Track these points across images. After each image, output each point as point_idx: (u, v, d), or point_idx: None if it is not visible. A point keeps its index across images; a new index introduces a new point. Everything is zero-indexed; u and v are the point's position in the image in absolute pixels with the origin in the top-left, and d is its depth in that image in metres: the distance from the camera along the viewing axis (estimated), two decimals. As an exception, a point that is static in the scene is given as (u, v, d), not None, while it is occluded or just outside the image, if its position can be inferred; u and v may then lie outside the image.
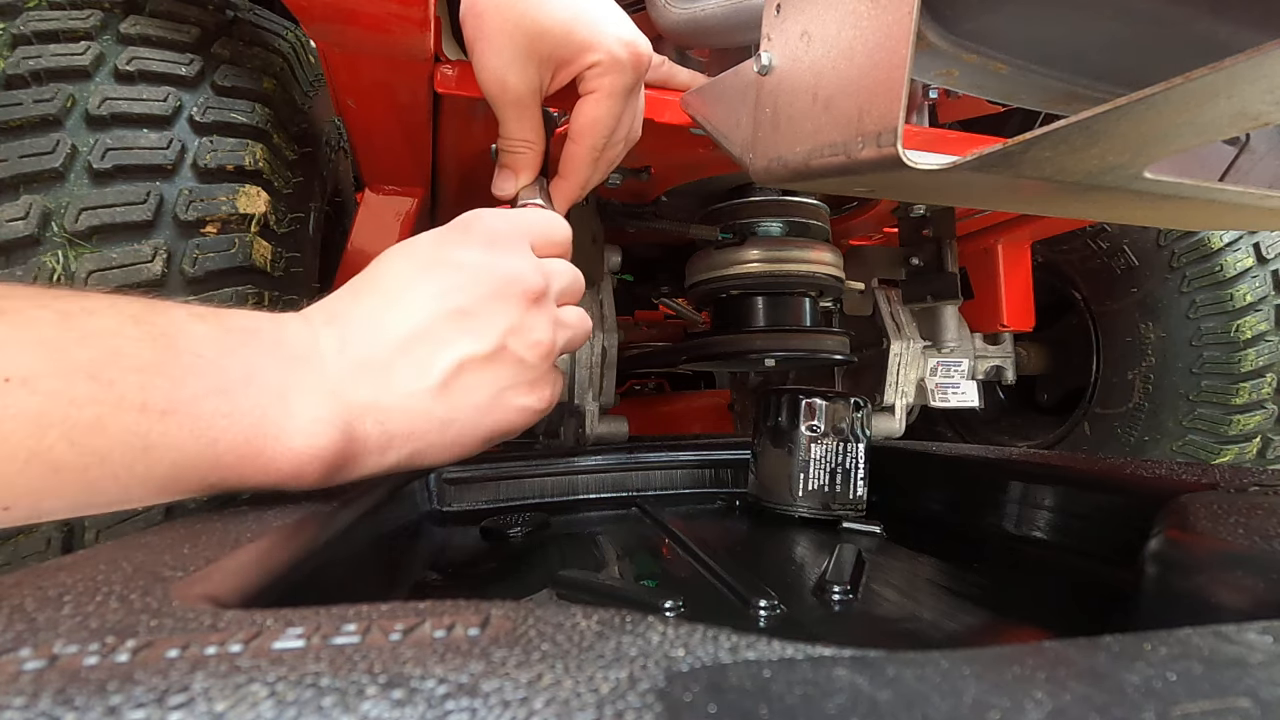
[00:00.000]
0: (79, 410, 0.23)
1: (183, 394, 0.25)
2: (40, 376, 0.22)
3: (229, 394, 0.27)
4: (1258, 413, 0.81)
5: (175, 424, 0.25)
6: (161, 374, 0.25)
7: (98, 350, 0.24)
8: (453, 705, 0.12)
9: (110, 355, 0.24)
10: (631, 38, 0.42)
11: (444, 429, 0.33)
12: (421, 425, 0.32)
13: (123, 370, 0.24)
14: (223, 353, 0.27)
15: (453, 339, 0.33)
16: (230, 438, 0.27)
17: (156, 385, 0.25)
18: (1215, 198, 0.33)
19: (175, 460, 0.25)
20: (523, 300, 0.35)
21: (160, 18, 0.50)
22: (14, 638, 0.15)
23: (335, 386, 0.30)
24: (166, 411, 0.25)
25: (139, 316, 0.26)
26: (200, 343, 0.27)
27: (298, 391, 0.29)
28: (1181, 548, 0.27)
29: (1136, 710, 0.12)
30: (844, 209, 0.83)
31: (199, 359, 0.26)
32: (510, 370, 0.34)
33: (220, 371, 0.27)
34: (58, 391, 0.23)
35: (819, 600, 0.37)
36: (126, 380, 0.24)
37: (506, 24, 0.40)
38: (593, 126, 0.43)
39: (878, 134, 0.30)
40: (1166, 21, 0.34)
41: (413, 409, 0.32)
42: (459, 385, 0.33)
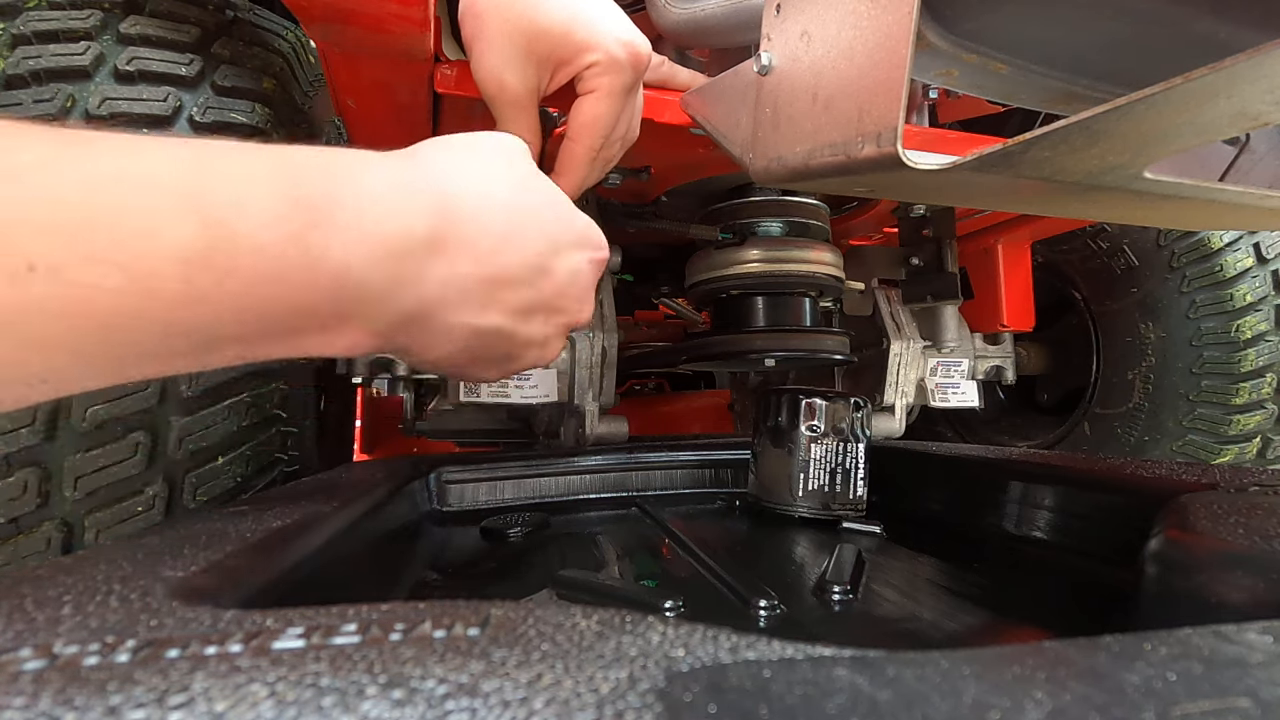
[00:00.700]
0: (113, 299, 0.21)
1: (232, 285, 0.23)
2: (67, 265, 0.20)
3: (286, 282, 0.24)
4: (1258, 413, 0.81)
5: (220, 313, 0.23)
6: (206, 267, 0.22)
7: (136, 240, 0.21)
8: (453, 705, 0.12)
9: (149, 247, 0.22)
10: (630, 37, 0.42)
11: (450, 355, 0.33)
12: (440, 344, 0.31)
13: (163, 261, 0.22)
14: (286, 236, 0.24)
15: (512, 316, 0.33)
16: (280, 323, 0.25)
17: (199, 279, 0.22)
18: (1215, 198, 0.33)
19: (217, 338, 0.24)
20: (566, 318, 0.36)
21: (160, 18, 0.50)
22: (14, 638, 0.15)
23: (405, 291, 0.28)
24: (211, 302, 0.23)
25: (187, 189, 0.23)
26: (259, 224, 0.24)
27: (363, 284, 0.26)
28: (1181, 548, 0.27)
29: (1136, 710, 0.12)
30: (844, 209, 0.82)
31: (253, 244, 0.23)
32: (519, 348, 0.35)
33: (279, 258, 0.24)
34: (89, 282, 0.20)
35: (819, 600, 0.37)
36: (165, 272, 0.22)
37: (505, 24, 0.40)
38: (591, 126, 0.43)
39: (878, 134, 0.30)
40: (1166, 21, 0.34)
41: (451, 333, 0.31)
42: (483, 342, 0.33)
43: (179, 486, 0.46)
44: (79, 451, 0.43)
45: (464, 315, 0.31)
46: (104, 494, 0.44)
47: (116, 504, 0.44)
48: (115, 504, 0.44)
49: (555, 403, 0.67)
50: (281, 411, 0.54)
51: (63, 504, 0.43)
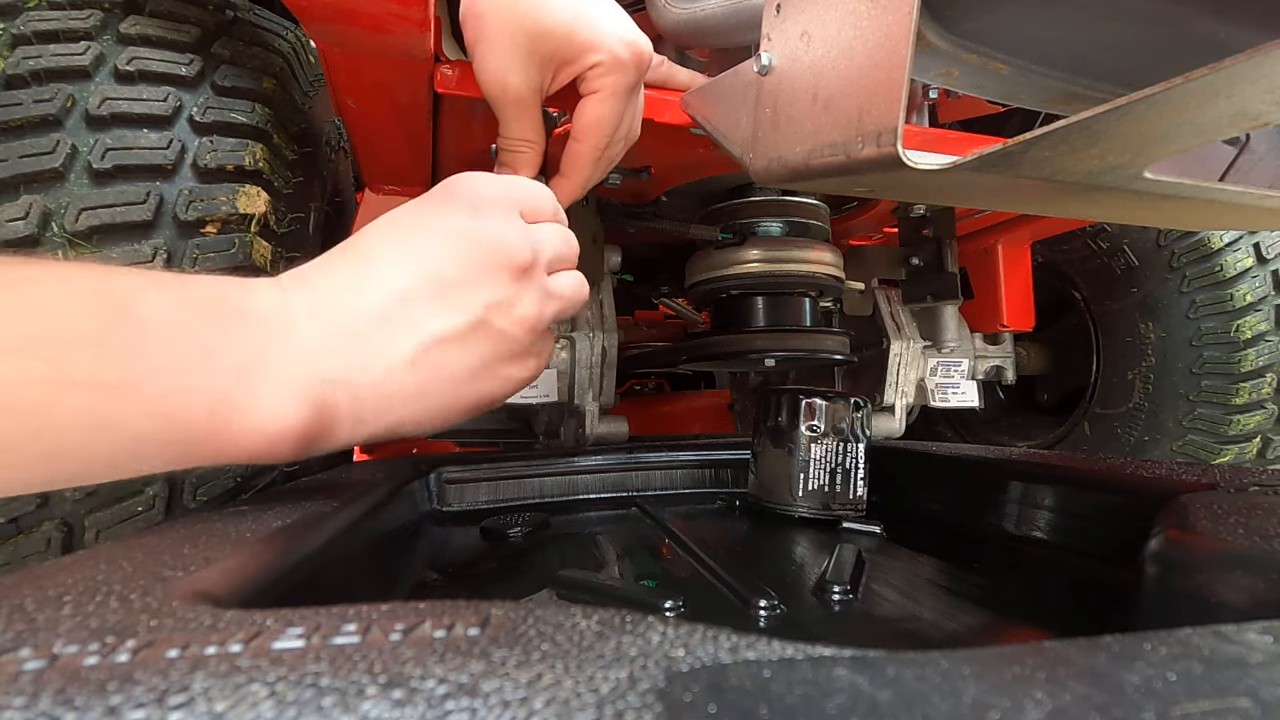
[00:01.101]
0: (26, 388, 0.22)
1: (135, 371, 0.24)
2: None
3: (187, 370, 0.25)
4: (1258, 413, 0.81)
5: (129, 402, 0.24)
6: (112, 349, 0.24)
7: (43, 324, 0.23)
8: (453, 705, 0.12)
9: (56, 330, 0.23)
10: (633, 37, 0.42)
11: (421, 400, 0.32)
12: (396, 398, 0.31)
13: (72, 345, 0.23)
14: (179, 325, 0.26)
15: (429, 311, 0.31)
16: (189, 415, 0.25)
17: (109, 361, 0.24)
18: (1215, 198, 0.33)
19: (133, 436, 0.25)
20: (507, 271, 0.33)
21: (160, 18, 0.50)
22: (14, 638, 0.15)
23: (304, 359, 0.28)
24: (122, 389, 0.24)
25: (91, 287, 0.24)
26: (155, 314, 0.25)
27: (263, 365, 0.27)
28: (1181, 548, 0.27)
29: (1136, 710, 0.12)
30: (844, 209, 0.82)
31: (152, 332, 0.25)
32: (492, 344, 0.33)
33: (177, 346, 0.25)
34: (2, 370, 0.22)
35: (819, 600, 0.37)
36: (75, 356, 0.23)
37: (508, 25, 0.40)
38: (596, 126, 0.43)
39: (878, 134, 0.30)
40: (1166, 21, 0.34)
41: (386, 383, 0.30)
42: (434, 359, 0.31)
43: (179, 486, 0.46)
44: (79, 451, 0.43)
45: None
46: (104, 494, 0.44)
47: (116, 504, 0.44)
48: (115, 504, 0.44)
49: (555, 403, 0.67)
50: (281, 411, 0.54)
51: (63, 504, 0.43)
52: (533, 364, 0.36)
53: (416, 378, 0.31)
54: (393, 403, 0.31)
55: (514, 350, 0.34)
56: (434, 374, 0.32)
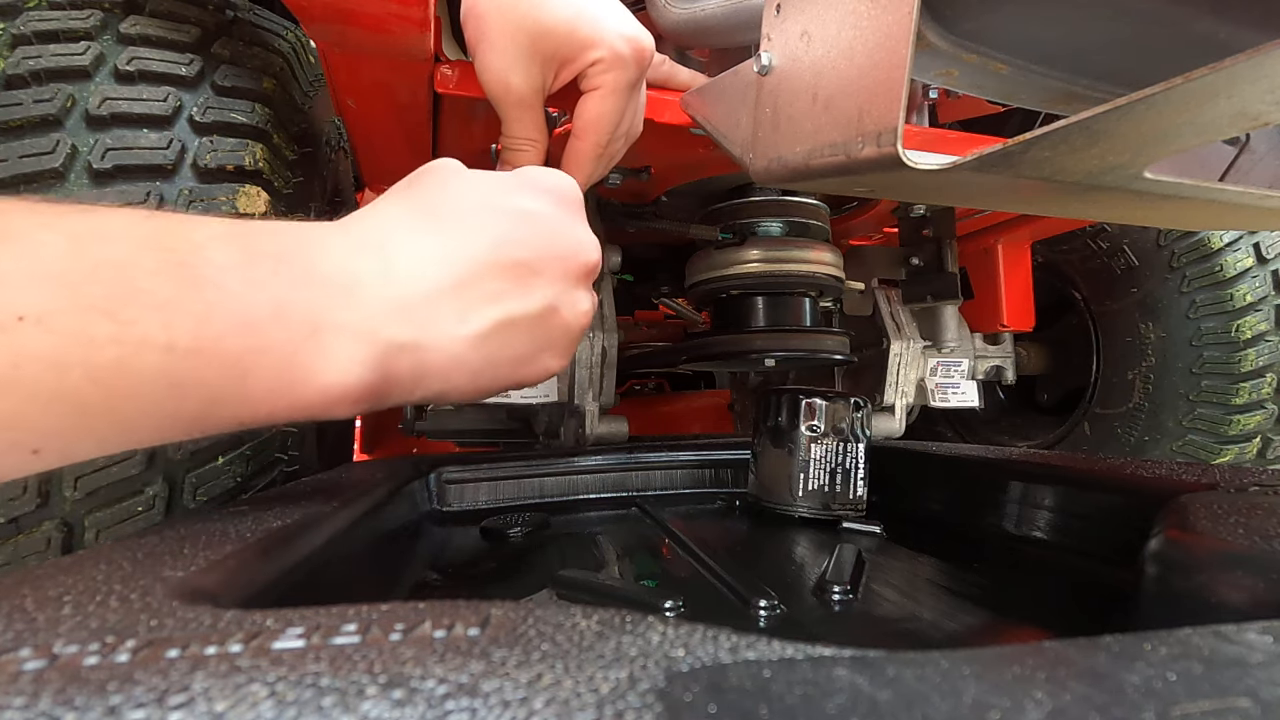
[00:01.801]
0: (99, 350, 0.22)
1: (208, 331, 0.24)
2: (54, 314, 0.21)
3: (257, 329, 0.25)
4: (1258, 413, 0.81)
5: (203, 362, 0.24)
6: (184, 311, 0.23)
7: (114, 285, 0.22)
8: (453, 705, 0.12)
9: (127, 291, 0.22)
10: (634, 33, 0.42)
11: (475, 375, 0.32)
12: (455, 370, 0.31)
13: (142, 308, 0.22)
14: (249, 285, 0.25)
15: (506, 293, 0.32)
16: (260, 373, 0.25)
17: (180, 324, 0.23)
18: (1215, 198, 0.33)
19: (205, 397, 0.24)
20: (581, 269, 0.34)
21: (160, 18, 0.50)
22: (14, 638, 0.15)
23: (373, 324, 0.28)
24: (192, 350, 0.23)
25: (156, 241, 0.24)
26: (224, 273, 0.25)
27: (331, 328, 0.27)
28: (1181, 548, 0.27)
29: (1136, 710, 0.12)
30: (844, 209, 0.82)
31: (222, 292, 0.24)
32: (549, 333, 0.34)
33: (247, 306, 0.25)
34: (75, 330, 0.21)
35: (819, 600, 0.37)
36: (148, 319, 0.23)
37: (509, 25, 0.40)
38: (597, 123, 0.43)
39: (878, 134, 0.30)
40: (1166, 21, 0.34)
41: (451, 353, 0.31)
42: (499, 339, 0.32)
43: (179, 486, 0.46)
44: (79, 451, 0.43)
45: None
46: (104, 494, 0.44)
47: (116, 504, 0.44)
48: (115, 504, 0.44)
49: (555, 403, 0.67)
50: (281, 411, 0.54)
51: (63, 504, 0.43)
52: (567, 358, 0.37)
53: (478, 354, 0.31)
54: (450, 373, 0.31)
55: (561, 343, 0.35)
56: (495, 353, 0.32)
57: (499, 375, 0.33)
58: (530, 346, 0.33)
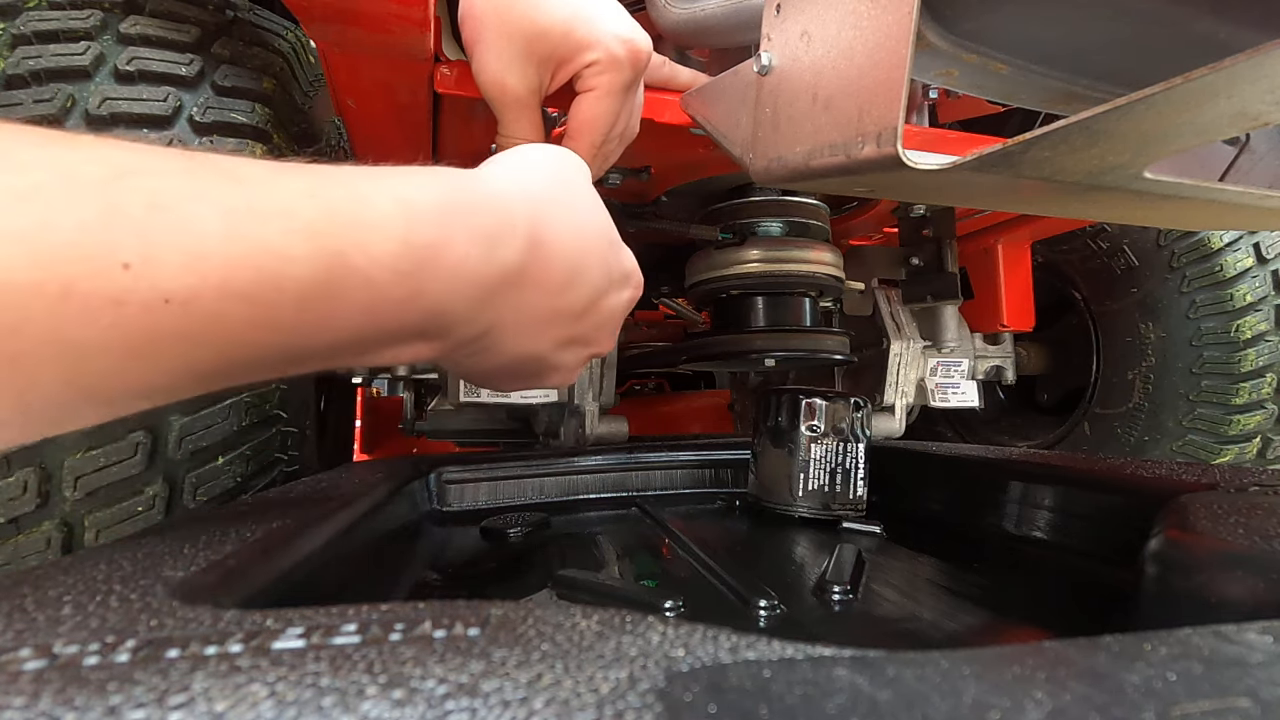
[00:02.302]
0: (233, 332, 0.22)
1: (338, 321, 0.24)
2: (197, 298, 0.21)
3: (381, 316, 0.26)
4: (1258, 413, 0.81)
5: (321, 340, 0.25)
6: (323, 299, 0.24)
7: (260, 272, 0.22)
8: (453, 705, 0.12)
9: (273, 279, 0.22)
10: (629, 35, 0.41)
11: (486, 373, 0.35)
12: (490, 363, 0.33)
13: (284, 295, 0.23)
14: (395, 277, 0.25)
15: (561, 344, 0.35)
16: (368, 348, 0.27)
17: (313, 309, 0.24)
18: (1215, 198, 0.33)
19: (308, 362, 0.26)
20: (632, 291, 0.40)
21: (160, 18, 0.50)
22: (14, 638, 0.15)
23: (482, 315, 0.30)
24: (316, 332, 0.24)
25: (313, 226, 0.23)
26: (375, 264, 0.25)
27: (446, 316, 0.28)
28: (1181, 548, 0.27)
29: (1136, 710, 0.12)
30: (844, 209, 0.82)
31: (366, 283, 0.25)
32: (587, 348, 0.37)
33: (384, 298, 0.25)
34: (216, 314, 0.21)
35: (819, 600, 0.37)
36: (285, 306, 0.23)
37: (505, 26, 0.40)
38: (591, 124, 0.43)
39: (878, 134, 0.30)
40: (1166, 21, 0.34)
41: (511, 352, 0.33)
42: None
43: (179, 486, 0.46)
44: (79, 451, 0.43)
45: (520, 342, 0.33)
46: (104, 494, 0.44)
47: (116, 504, 0.44)
48: (115, 504, 0.44)
49: (555, 403, 0.67)
50: (281, 411, 0.54)
51: (63, 504, 0.43)
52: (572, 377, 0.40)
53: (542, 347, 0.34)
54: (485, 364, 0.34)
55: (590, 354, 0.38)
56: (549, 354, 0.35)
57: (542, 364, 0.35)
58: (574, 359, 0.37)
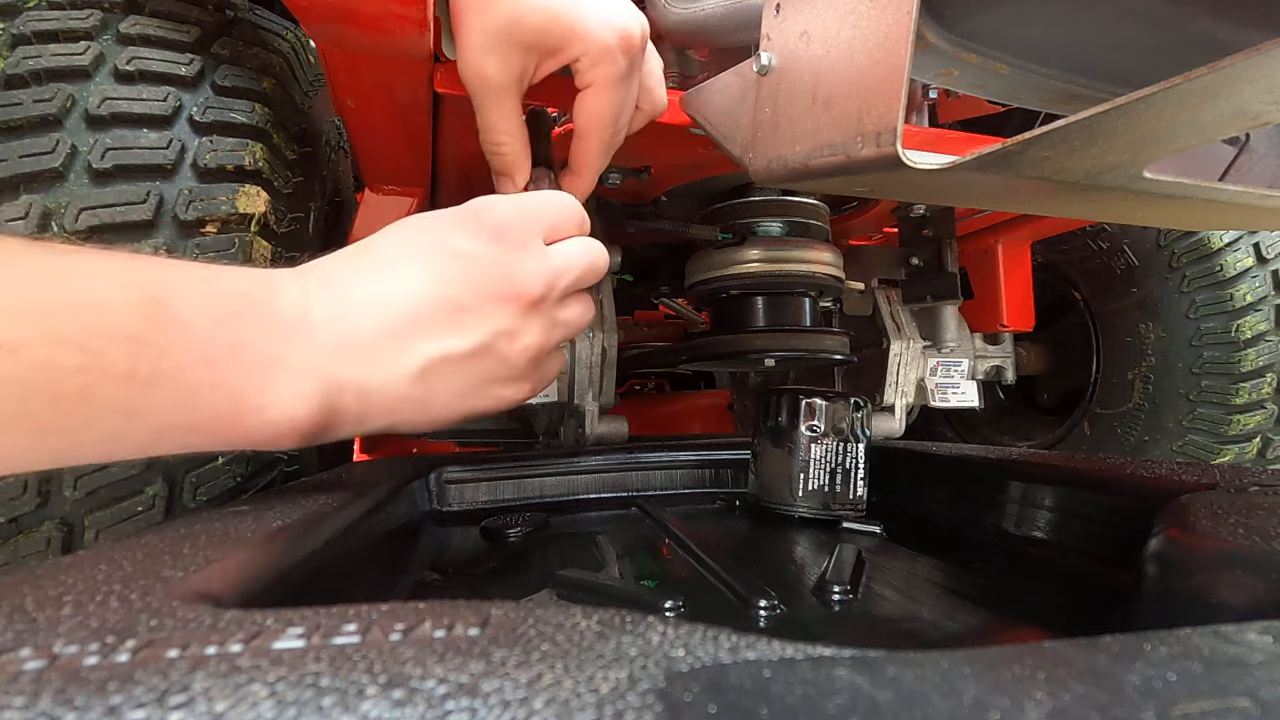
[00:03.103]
0: (65, 379, 0.23)
1: (168, 364, 0.25)
2: (28, 344, 0.22)
3: (215, 365, 0.27)
4: (1258, 413, 0.81)
5: (159, 393, 0.25)
6: (150, 344, 0.25)
7: (88, 319, 0.24)
8: (453, 705, 0.12)
9: (100, 324, 0.24)
10: (619, 21, 0.40)
11: (421, 408, 0.34)
12: (398, 403, 0.33)
13: (111, 340, 0.24)
14: (213, 323, 0.27)
15: (438, 331, 0.33)
16: (212, 407, 0.27)
17: (144, 355, 0.25)
18: (1215, 198, 0.33)
19: (156, 425, 0.26)
20: (517, 303, 0.35)
21: (160, 18, 0.50)
22: (14, 638, 0.15)
23: (320, 361, 0.30)
24: (151, 381, 0.25)
25: (131, 280, 0.26)
26: (191, 311, 0.27)
27: (283, 364, 0.29)
28: (1181, 548, 0.27)
29: (1136, 710, 0.12)
30: (844, 209, 0.82)
31: (188, 330, 0.26)
32: (491, 366, 0.35)
33: (208, 343, 0.27)
34: (45, 360, 0.23)
35: (819, 600, 0.37)
36: (114, 350, 0.24)
37: (483, 15, 0.39)
38: (598, 119, 0.43)
39: (877, 134, 0.30)
40: (1166, 21, 0.34)
41: (391, 391, 0.32)
42: (437, 374, 0.33)
43: (179, 486, 0.46)
44: (79, 451, 0.43)
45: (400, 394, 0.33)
46: (104, 494, 0.44)
47: (116, 504, 0.44)
48: (115, 504, 0.44)
49: (555, 403, 0.67)
50: (281, 411, 0.54)
51: (63, 504, 0.43)
52: (526, 387, 0.38)
53: (419, 389, 0.33)
54: (393, 406, 0.33)
55: (510, 375, 0.36)
56: (436, 386, 0.34)
57: (447, 407, 0.35)
58: (472, 380, 0.35)
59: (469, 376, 0.35)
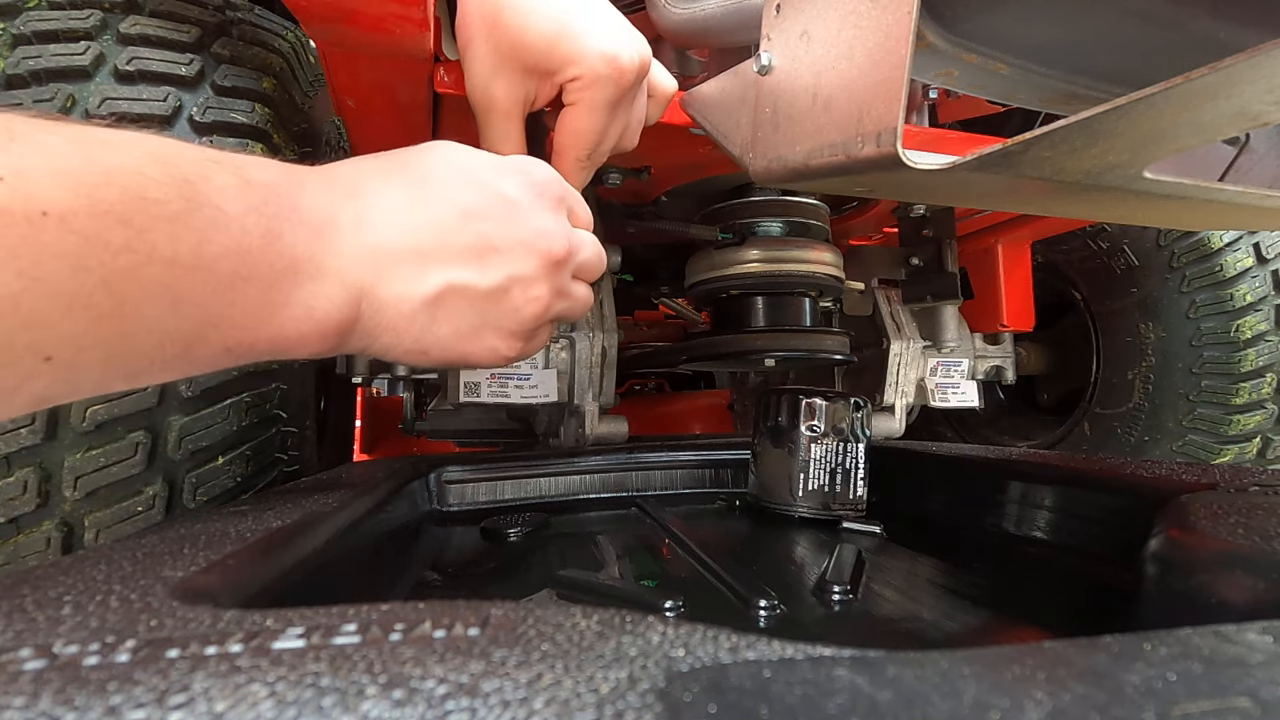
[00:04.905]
0: (115, 257, 0.22)
1: (208, 250, 0.24)
2: (75, 214, 0.21)
3: (249, 256, 0.26)
4: (1258, 413, 0.81)
5: (201, 280, 0.24)
6: (189, 226, 0.24)
7: (129, 194, 0.22)
8: (453, 705, 0.12)
9: (138, 200, 0.22)
10: (615, 51, 0.40)
11: (421, 337, 0.33)
12: (404, 326, 0.33)
13: (152, 218, 0.23)
14: (245, 210, 0.26)
15: (463, 262, 0.33)
16: (247, 301, 0.26)
17: (183, 238, 0.23)
18: (1215, 198, 0.33)
19: (199, 319, 0.25)
20: (543, 258, 0.35)
21: (160, 18, 0.50)
22: (14, 638, 0.15)
23: (345, 265, 0.30)
24: (193, 267, 0.24)
25: (158, 155, 0.24)
26: (224, 197, 0.25)
27: (310, 263, 0.28)
28: (1181, 548, 0.27)
29: (1136, 710, 0.12)
30: (844, 209, 0.82)
31: (223, 216, 0.25)
32: (499, 313, 0.35)
33: (243, 231, 0.26)
34: (94, 233, 0.21)
35: (819, 600, 0.37)
36: (157, 230, 0.23)
37: (492, 36, 0.40)
38: (575, 138, 0.43)
39: (877, 134, 0.30)
40: (1166, 21, 0.34)
41: (401, 309, 0.32)
42: (449, 305, 0.33)
43: (179, 486, 0.46)
44: (79, 451, 0.43)
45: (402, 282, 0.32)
46: (104, 494, 0.44)
47: (116, 504, 0.44)
48: (115, 504, 0.44)
49: (555, 403, 0.67)
50: (281, 411, 0.54)
51: (63, 504, 0.43)
52: (520, 347, 0.37)
53: (426, 315, 0.33)
54: (399, 326, 0.32)
55: (510, 328, 0.36)
56: (442, 317, 0.33)
57: (444, 342, 0.34)
58: (476, 322, 0.34)
59: (475, 317, 0.34)
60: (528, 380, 0.65)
